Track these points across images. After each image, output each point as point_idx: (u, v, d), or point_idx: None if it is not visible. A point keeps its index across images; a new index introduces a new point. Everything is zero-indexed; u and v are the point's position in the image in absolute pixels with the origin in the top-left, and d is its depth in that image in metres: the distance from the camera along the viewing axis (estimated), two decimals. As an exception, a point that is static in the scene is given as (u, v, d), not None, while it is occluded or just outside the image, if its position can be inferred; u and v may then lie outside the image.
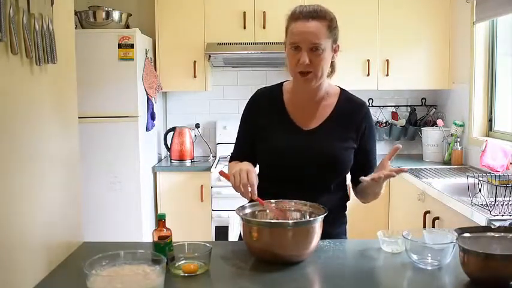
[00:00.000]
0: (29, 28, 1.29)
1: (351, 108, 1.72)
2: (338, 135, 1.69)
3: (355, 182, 1.76)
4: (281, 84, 1.79)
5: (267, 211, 1.59)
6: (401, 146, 1.63)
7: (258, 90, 1.80)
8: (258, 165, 1.75)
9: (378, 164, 1.70)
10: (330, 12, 1.62)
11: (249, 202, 1.60)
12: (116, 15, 3.49)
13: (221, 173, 1.60)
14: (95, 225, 3.01)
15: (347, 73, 3.80)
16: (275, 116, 1.71)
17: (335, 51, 1.65)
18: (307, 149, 1.65)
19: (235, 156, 1.77)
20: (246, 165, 1.56)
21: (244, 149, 1.75)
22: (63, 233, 1.54)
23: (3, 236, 1.17)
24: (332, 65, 1.68)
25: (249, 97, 1.81)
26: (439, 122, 3.80)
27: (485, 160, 2.98)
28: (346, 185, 1.81)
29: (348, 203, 1.86)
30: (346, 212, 1.83)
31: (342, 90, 1.76)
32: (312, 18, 1.57)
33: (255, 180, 1.51)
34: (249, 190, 1.50)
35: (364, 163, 1.75)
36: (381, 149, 4.23)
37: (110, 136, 3.37)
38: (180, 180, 3.64)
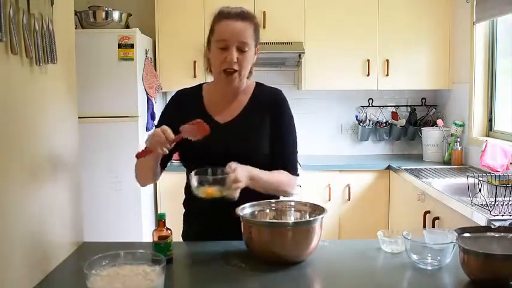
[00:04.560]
0: (29, 28, 1.29)
1: (265, 97, 1.74)
2: (252, 126, 1.69)
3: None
4: (201, 84, 1.81)
5: (267, 211, 1.59)
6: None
7: (178, 90, 1.82)
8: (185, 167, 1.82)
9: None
10: (255, 16, 1.68)
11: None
12: (116, 15, 3.49)
13: (140, 155, 1.55)
14: (95, 225, 3.00)
15: (347, 73, 3.80)
16: (194, 112, 1.69)
17: (255, 53, 1.69)
18: (225, 140, 1.65)
19: None
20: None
21: None
22: (63, 233, 1.54)
23: (3, 236, 1.17)
24: (251, 67, 1.71)
25: None
26: (439, 122, 3.80)
27: (485, 160, 2.99)
28: None
29: (349, 203, 1.85)
30: None
31: (258, 83, 1.78)
32: (241, 18, 1.62)
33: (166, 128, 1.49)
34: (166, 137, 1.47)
35: (277, 151, 1.70)
36: (381, 149, 4.24)
37: (110, 136, 3.36)
38: (180, 180, 3.61)
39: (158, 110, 3.89)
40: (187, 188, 1.84)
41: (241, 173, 1.47)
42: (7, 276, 1.19)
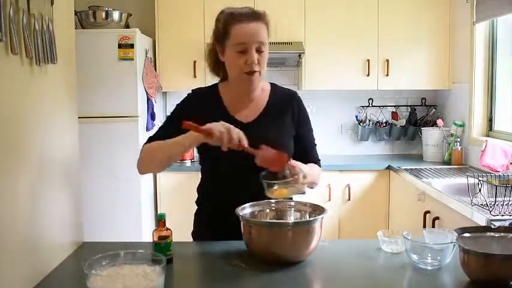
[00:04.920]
0: (29, 28, 1.29)
1: (283, 99, 1.79)
2: (275, 125, 1.73)
3: None
4: (216, 84, 1.80)
5: (267, 211, 1.60)
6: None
7: (194, 90, 1.80)
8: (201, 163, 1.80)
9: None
10: (265, 13, 1.69)
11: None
12: (115, 15, 3.49)
13: (189, 126, 1.45)
14: (95, 225, 3.01)
15: (347, 73, 3.80)
16: (214, 112, 1.69)
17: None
18: (250, 140, 1.62)
19: (159, 138, 1.69)
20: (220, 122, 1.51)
21: (171, 135, 1.64)
22: (63, 233, 1.54)
23: (3, 236, 1.17)
24: None
25: None
26: (439, 122, 3.80)
27: (485, 160, 2.99)
28: None
29: (349, 203, 1.87)
30: None
31: (272, 85, 1.83)
32: (255, 19, 1.63)
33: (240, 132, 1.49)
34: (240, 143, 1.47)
35: (301, 150, 1.77)
36: (381, 149, 4.24)
37: (110, 136, 3.36)
38: (180, 180, 3.64)
39: (158, 110, 3.89)
40: (201, 186, 1.85)
41: (306, 169, 1.54)
42: (7, 276, 1.19)
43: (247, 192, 1.59)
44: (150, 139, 1.74)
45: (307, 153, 1.79)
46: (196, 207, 1.86)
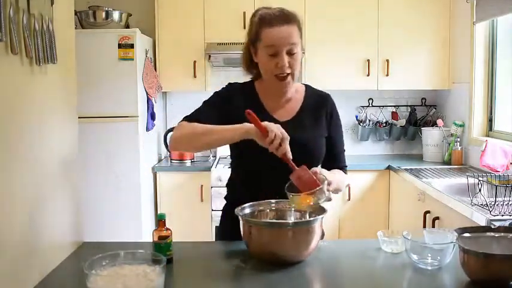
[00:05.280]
0: (29, 28, 1.29)
1: (318, 100, 1.81)
2: (311, 125, 1.75)
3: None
4: (252, 81, 1.81)
5: (267, 211, 1.60)
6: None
7: (231, 83, 1.81)
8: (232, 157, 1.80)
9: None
10: (297, 15, 1.69)
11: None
12: (116, 15, 3.49)
13: (249, 113, 1.48)
14: (95, 225, 3.01)
15: (347, 73, 3.80)
16: (251, 107, 1.64)
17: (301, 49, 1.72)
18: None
19: (197, 120, 1.69)
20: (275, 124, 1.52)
21: (209, 120, 1.68)
22: (63, 233, 1.54)
23: (3, 236, 1.17)
24: None
25: None
26: (439, 122, 3.80)
27: (485, 160, 2.98)
28: None
29: (349, 203, 1.87)
30: None
31: (306, 86, 1.85)
32: (285, 22, 1.63)
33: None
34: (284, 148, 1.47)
35: (330, 153, 1.79)
36: (381, 149, 4.24)
37: (110, 136, 3.36)
38: (180, 180, 3.64)
39: (158, 110, 3.89)
40: (233, 184, 1.84)
41: (330, 176, 1.54)
42: (7, 276, 1.19)
43: (274, 191, 1.59)
44: (187, 119, 1.71)
45: (335, 157, 1.81)
46: (225, 201, 1.87)
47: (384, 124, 4.12)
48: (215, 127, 1.60)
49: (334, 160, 1.81)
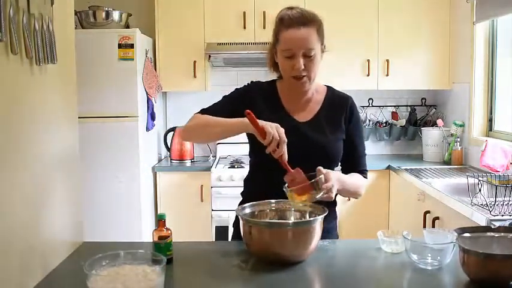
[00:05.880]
0: (29, 28, 1.29)
1: (338, 102, 1.81)
2: (329, 127, 1.75)
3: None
4: (274, 81, 1.83)
5: (267, 211, 1.60)
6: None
7: (252, 82, 1.83)
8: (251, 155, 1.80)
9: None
10: (317, 16, 1.68)
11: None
12: (116, 15, 3.49)
13: (249, 113, 1.48)
14: (95, 225, 3.01)
15: (347, 73, 3.80)
16: (271, 107, 1.74)
17: (322, 51, 1.74)
18: (304, 138, 1.69)
19: (212, 113, 1.71)
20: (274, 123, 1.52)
21: (223, 114, 1.69)
22: (63, 233, 1.54)
23: (3, 236, 1.17)
24: None
25: None
26: (439, 122, 3.80)
27: (485, 160, 2.98)
28: None
29: (349, 203, 1.86)
30: (336, 208, 1.82)
31: (328, 87, 1.86)
32: (303, 24, 1.62)
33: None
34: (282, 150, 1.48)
35: (352, 155, 1.79)
36: (381, 149, 4.24)
37: (110, 136, 3.37)
38: (180, 180, 3.64)
39: (158, 110, 3.89)
40: (248, 180, 1.84)
41: (331, 175, 1.52)
42: (7, 276, 1.19)
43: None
44: (204, 111, 1.74)
45: (354, 160, 1.80)
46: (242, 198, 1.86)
47: (384, 124, 4.12)
48: (222, 120, 1.63)
49: (353, 163, 1.79)
